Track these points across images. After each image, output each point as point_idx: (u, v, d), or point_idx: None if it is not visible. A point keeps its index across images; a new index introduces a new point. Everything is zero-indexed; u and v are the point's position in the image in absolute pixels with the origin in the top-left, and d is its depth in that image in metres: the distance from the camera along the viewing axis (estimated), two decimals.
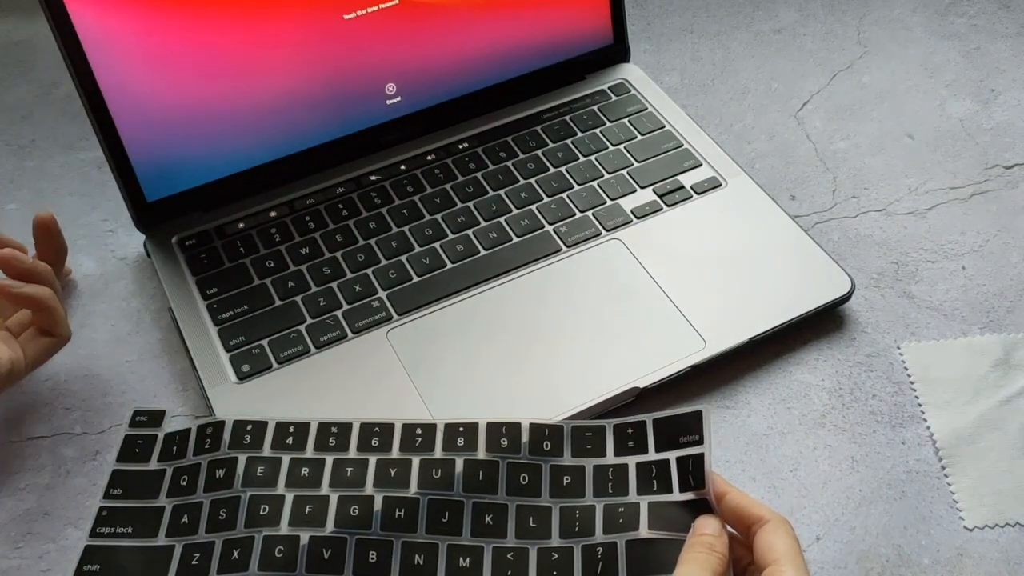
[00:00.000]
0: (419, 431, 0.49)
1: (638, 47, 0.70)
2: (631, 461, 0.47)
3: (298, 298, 0.56)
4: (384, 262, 0.58)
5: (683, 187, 0.61)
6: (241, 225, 0.60)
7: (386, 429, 0.49)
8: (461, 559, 0.45)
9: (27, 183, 0.67)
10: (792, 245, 0.58)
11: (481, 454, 0.48)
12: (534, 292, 0.56)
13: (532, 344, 0.54)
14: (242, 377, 0.52)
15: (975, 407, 0.52)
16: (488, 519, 0.46)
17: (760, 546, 0.42)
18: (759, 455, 0.51)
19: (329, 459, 0.48)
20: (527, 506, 0.46)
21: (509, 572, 0.44)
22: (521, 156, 0.64)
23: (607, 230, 0.59)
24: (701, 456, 0.44)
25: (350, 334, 0.54)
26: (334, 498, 0.46)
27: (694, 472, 0.44)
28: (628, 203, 0.61)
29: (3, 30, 0.79)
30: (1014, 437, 0.51)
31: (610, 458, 0.47)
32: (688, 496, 0.44)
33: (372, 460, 0.48)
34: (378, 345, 0.54)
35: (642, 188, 0.61)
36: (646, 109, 0.66)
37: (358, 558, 0.44)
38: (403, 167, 0.63)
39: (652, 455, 0.46)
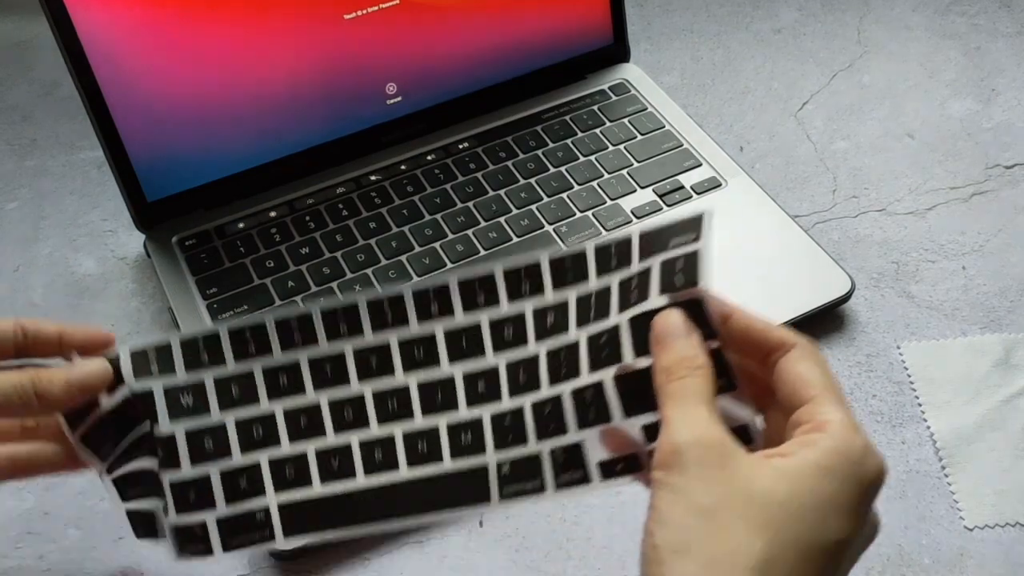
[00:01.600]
0: (387, 306, 0.42)
1: (638, 47, 0.70)
2: (614, 279, 0.38)
3: (298, 298, 0.56)
4: (384, 262, 0.58)
5: (683, 187, 0.61)
6: (241, 225, 0.60)
7: (352, 311, 0.42)
8: (463, 434, 0.40)
9: (27, 183, 0.67)
10: (792, 245, 0.58)
11: (459, 318, 0.42)
12: None
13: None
14: None
15: (975, 407, 0.52)
16: (481, 386, 0.41)
17: (787, 378, 0.34)
18: None
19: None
20: (515, 361, 0.40)
21: (509, 437, 0.39)
22: (521, 156, 0.64)
23: (607, 230, 0.59)
24: (696, 252, 0.35)
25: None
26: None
27: (683, 270, 0.35)
28: (628, 203, 0.61)
29: (3, 30, 0.79)
30: (1015, 437, 0.51)
31: (592, 283, 0.39)
32: (666, 300, 0.35)
33: (348, 348, 0.42)
34: None
35: (642, 188, 0.61)
36: (646, 109, 0.66)
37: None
38: (403, 167, 0.63)
39: (635, 267, 0.38)
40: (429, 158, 0.63)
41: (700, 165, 0.63)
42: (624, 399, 0.37)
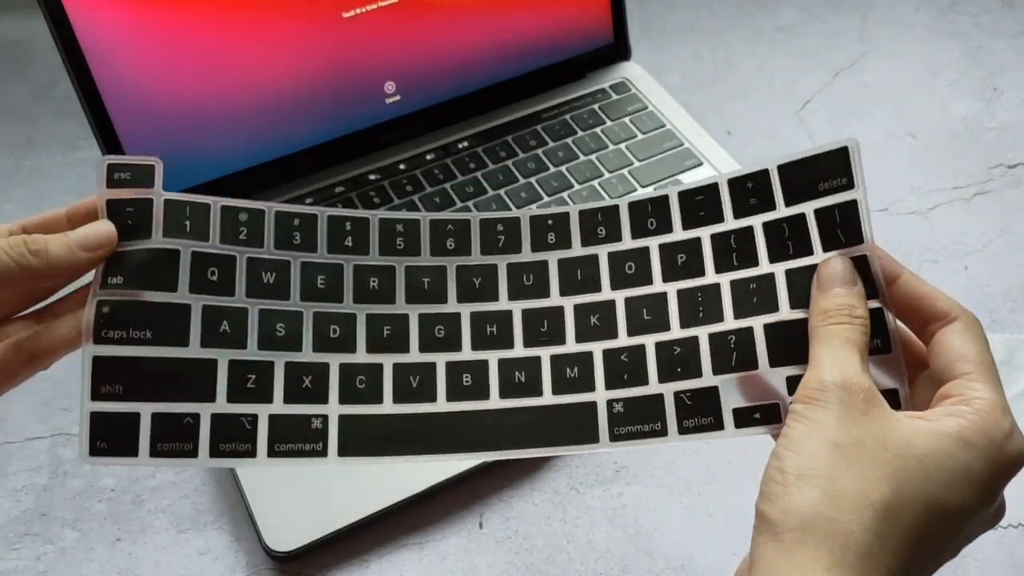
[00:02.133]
0: (502, 228, 0.40)
1: (639, 45, 0.70)
2: (756, 222, 0.38)
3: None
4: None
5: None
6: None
7: (462, 225, 0.40)
8: (568, 369, 0.38)
9: (25, 182, 0.67)
10: None
11: (576, 249, 0.40)
12: None
13: None
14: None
15: None
16: (594, 320, 0.39)
17: (944, 351, 0.34)
18: (761, 456, 0.51)
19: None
20: (637, 297, 0.39)
21: (625, 376, 0.38)
22: (521, 155, 0.63)
23: None
24: (854, 202, 0.36)
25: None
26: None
27: (843, 224, 0.36)
28: None
29: (1, 29, 0.78)
30: None
31: (729, 222, 0.38)
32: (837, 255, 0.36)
33: (450, 265, 0.40)
34: None
35: (643, 187, 0.61)
36: (647, 108, 0.66)
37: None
38: (402, 166, 0.63)
39: (782, 211, 0.37)
40: (428, 157, 0.63)
41: (701, 164, 0.62)
42: (772, 348, 0.36)
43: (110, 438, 0.36)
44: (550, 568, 0.47)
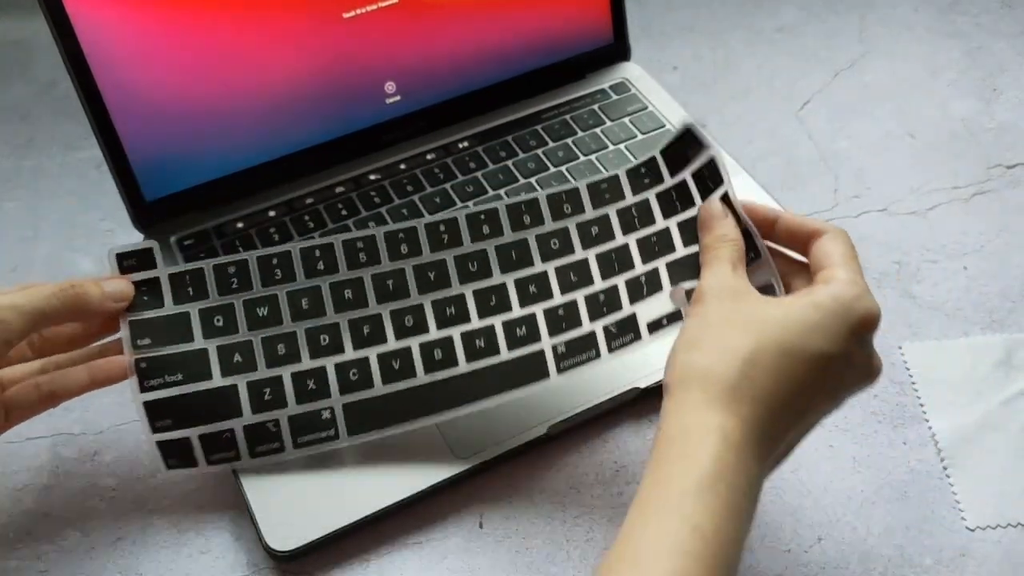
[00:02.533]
0: (443, 229, 0.49)
1: (639, 46, 0.70)
2: (650, 194, 0.49)
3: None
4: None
5: None
6: (240, 225, 0.59)
7: (411, 232, 0.49)
8: (517, 329, 0.48)
9: (25, 183, 0.67)
10: None
11: (508, 236, 0.49)
12: None
13: None
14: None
15: (977, 407, 0.52)
16: (532, 289, 0.48)
17: (816, 255, 0.42)
18: None
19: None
20: (564, 265, 0.49)
21: (563, 325, 0.48)
22: (521, 155, 0.63)
23: None
24: (712, 159, 0.46)
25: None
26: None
27: (710, 176, 0.47)
28: None
29: (1, 29, 0.78)
30: (1016, 437, 0.51)
31: (630, 199, 0.49)
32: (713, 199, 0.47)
33: (408, 266, 0.49)
34: None
35: None
36: (646, 108, 0.66)
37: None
38: (403, 166, 0.63)
39: (668, 181, 0.48)
40: (429, 157, 0.63)
41: None
42: (673, 275, 0.47)
43: (176, 456, 0.47)
44: (550, 567, 0.47)
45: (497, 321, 0.48)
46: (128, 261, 0.48)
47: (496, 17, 0.63)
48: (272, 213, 0.60)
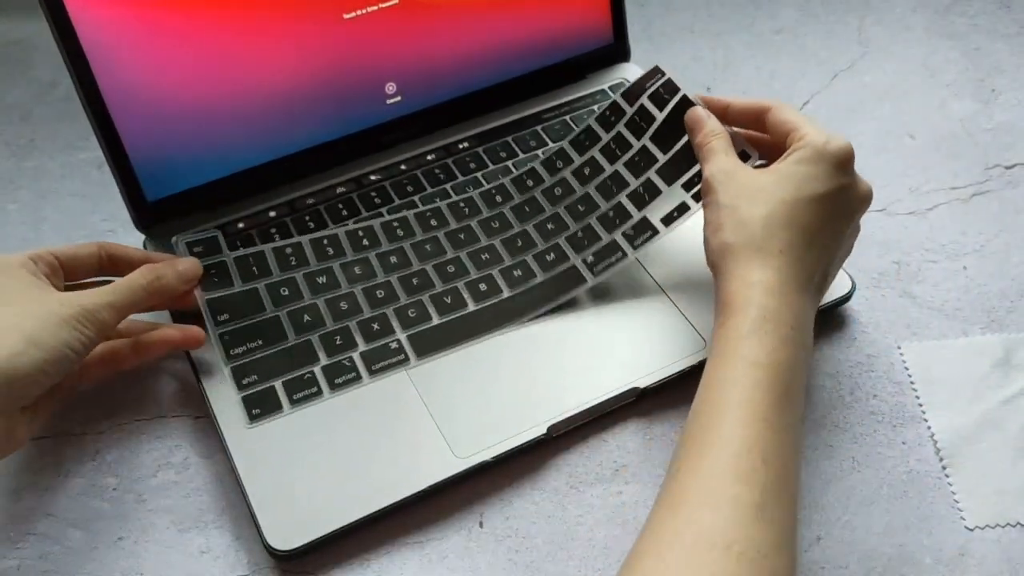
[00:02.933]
0: (462, 204, 0.60)
1: (638, 47, 0.70)
2: (621, 127, 0.58)
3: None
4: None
5: None
6: (241, 225, 0.59)
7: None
8: (547, 256, 0.57)
9: (26, 183, 0.67)
10: None
11: (517, 199, 0.60)
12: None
13: (534, 343, 0.54)
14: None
15: (976, 407, 0.52)
16: (550, 227, 0.58)
17: (774, 124, 0.51)
18: None
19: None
20: (571, 203, 0.58)
21: (585, 243, 0.56)
22: (522, 156, 0.64)
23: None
24: (668, 79, 0.56)
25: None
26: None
27: (666, 91, 0.56)
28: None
29: (2, 30, 0.78)
30: (1015, 437, 0.51)
31: (606, 138, 0.59)
32: (664, 114, 0.56)
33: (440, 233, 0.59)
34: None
35: None
36: None
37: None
38: (403, 167, 0.63)
39: (630, 111, 0.58)
40: (429, 158, 0.63)
41: None
42: (665, 177, 0.55)
43: (260, 406, 0.51)
44: (550, 567, 0.47)
45: (528, 256, 0.57)
46: (196, 248, 0.57)
47: (496, 18, 0.63)
48: (273, 213, 0.60)
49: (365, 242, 0.58)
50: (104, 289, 0.48)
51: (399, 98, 0.63)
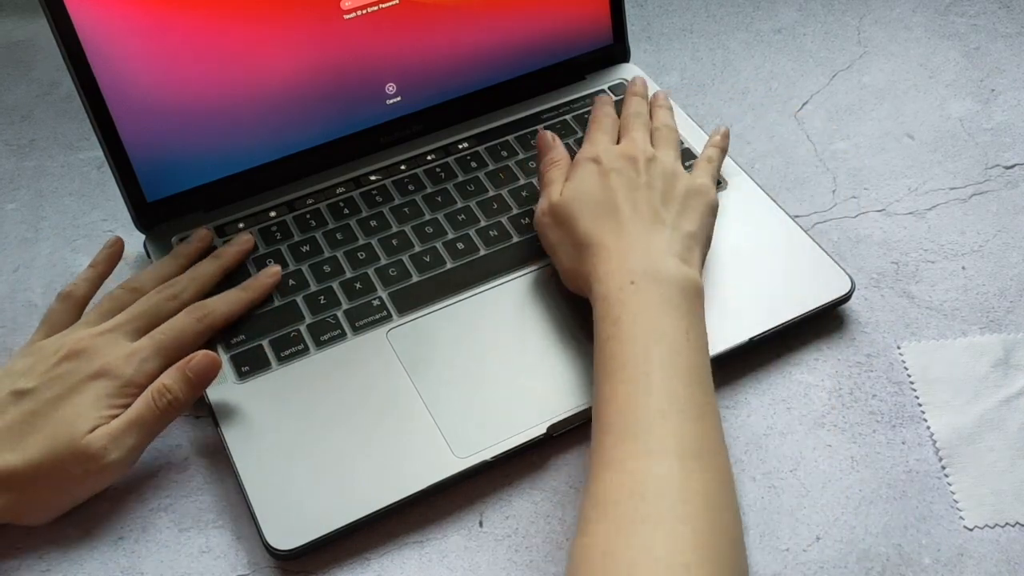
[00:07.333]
0: (438, 169, 0.63)
1: (638, 47, 0.70)
2: (567, 118, 0.66)
3: (298, 297, 0.56)
4: (385, 260, 0.58)
5: None
6: (241, 225, 0.60)
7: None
8: (522, 220, 0.60)
9: (27, 183, 0.67)
10: (792, 245, 0.58)
11: (490, 165, 0.64)
12: (535, 291, 0.56)
13: (535, 342, 0.54)
14: (243, 376, 0.53)
15: (975, 407, 0.52)
16: (524, 194, 0.62)
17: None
18: (759, 455, 0.51)
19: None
20: (517, 188, 0.62)
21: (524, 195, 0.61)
22: (522, 155, 0.64)
23: None
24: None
25: (350, 334, 0.54)
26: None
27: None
28: None
29: (3, 30, 0.79)
30: (1014, 437, 0.51)
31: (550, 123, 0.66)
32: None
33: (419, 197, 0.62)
34: (379, 344, 0.54)
35: None
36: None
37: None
38: (403, 167, 0.63)
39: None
40: (429, 158, 0.63)
41: None
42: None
43: (249, 363, 0.53)
44: (550, 566, 0.47)
45: (503, 218, 0.60)
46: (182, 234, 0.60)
47: (496, 18, 0.63)
48: (273, 213, 0.60)
49: (346, 211, 0.60)
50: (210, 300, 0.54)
51: (399, 98, 0.63)
